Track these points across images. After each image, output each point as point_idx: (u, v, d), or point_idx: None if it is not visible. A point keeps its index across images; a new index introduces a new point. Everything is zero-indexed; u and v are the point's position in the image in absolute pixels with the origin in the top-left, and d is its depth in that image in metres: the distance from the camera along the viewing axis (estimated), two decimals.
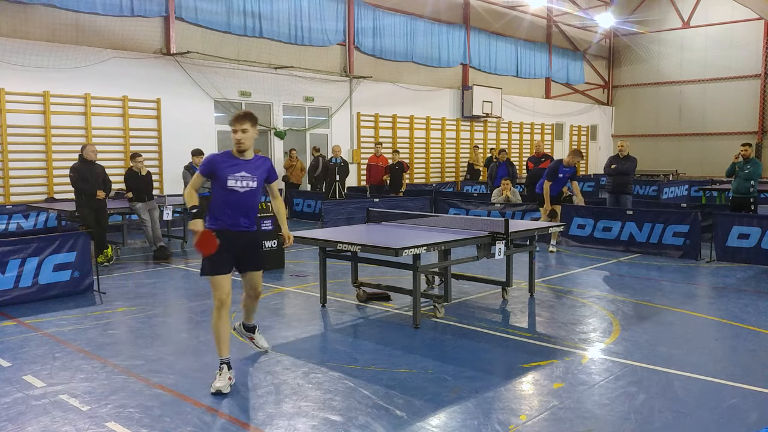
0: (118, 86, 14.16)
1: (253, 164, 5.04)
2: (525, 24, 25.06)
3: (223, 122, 16.42)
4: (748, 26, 26.20)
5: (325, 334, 6.39)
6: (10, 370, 5.21)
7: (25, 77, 12.86)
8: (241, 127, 4.96)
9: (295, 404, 4.52)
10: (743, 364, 5.41)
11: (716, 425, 4.20)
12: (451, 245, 6.78)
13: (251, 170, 4.99)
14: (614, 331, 6.34)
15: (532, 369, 5.25)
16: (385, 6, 19.93)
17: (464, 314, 6.98)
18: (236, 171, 4.93)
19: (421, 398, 4.60)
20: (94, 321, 6.76)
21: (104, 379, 5.03)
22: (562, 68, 27.52)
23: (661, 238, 10.82)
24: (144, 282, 8.85)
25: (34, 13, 13.11)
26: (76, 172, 9.65)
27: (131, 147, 14.09)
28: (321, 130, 18.77)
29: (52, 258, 7.70)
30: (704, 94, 27.87)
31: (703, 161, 27.51)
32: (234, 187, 4.90)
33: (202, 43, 15.67)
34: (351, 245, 6.38)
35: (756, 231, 9.86)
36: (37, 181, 13.28)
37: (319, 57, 18.29)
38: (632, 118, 30.15)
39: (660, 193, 18.92)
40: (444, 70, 22.31)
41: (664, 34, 28.80)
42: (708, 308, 7.40)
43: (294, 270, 9.57)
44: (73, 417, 4.30)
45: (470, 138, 23.39)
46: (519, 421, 4.23)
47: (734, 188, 11.78)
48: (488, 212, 12.82)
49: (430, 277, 8.49)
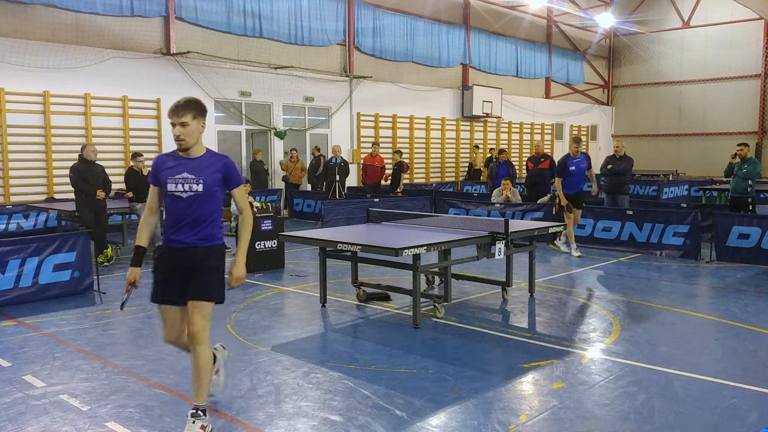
0: (118, 86, 14.16)
1: (200, 163, 3.97)
2: (525, 24, 25.05)
3: (223, 122, 16.44)
4: (748, 26, 26.19)
5: (325, 334, 6.39)
6: (10, 370, 5.21)
7: (25, 77, 12.86)
8: (180, 120, 3.93)
9: (295, 404, 4.52)
10: (743, 364, 5.41)
11: (716, 425, 4.20)
12: (451, 245, 6.78)
13: (196, 170, 3.95)
14: (614, 331, 6.34)
15: (532, 369, 5.25)
16: (385, 6, 19.93)
17: (464, 314, 6.98)
18: (177, 172, 3.95)
19: (421, 398, 4.60)
20: (94, 321, 6.76)
21: (104, 379, 5.03)
22: (562, 68, 27.52)
23: (661, 238, 10.82)
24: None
25: (34, 13, 13.11)
26: (76, 172, 9.65)
27: (131, 147, 14.09)
28: (321, 130, 18.77)
29: (52, 258, 7.70)
30: (704, 94, 27.87)
31: (703, 161, 27.51)
32: (174, 191, 3.94)
33: (202, 43, 15.67)
34: (351, 245, 6.38)
35: (756, 231, 9.86)
36: (37, 181, 13.28)
37: (319, 57, 18.29)
38: (632, 118, 30.14)
39: (660, 193, 18.90)
40: (444, 70, 22.31)
41: (664, 34, 28.80)
42: (708, 308, 7.40)
43: (294, 270, 9.57)
44: (73, 417, 4.30)
45: (470, 138, 23.39)
46: (519, 421, 4.23)
47: (732, 188, 11.78)
48: (488, 212, 12.83)
49: (430, 277, 8.49)
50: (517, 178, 14.75)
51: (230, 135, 16.74)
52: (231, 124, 16.65)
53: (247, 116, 16.92)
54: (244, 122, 16.88)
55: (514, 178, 13.98)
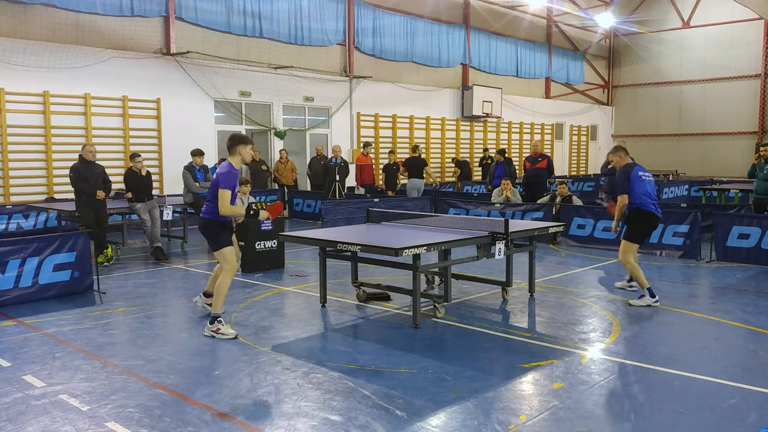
0: (118, 86, 14.16)
1: None
2: (525, 24, 25.06)
3: (223, 122, 16.43)
4: (748, 26, 26.19)
5: (325, 334, 6.39)
6: (10, 370, 5.21)
7: (25, 77, 12.86)
8: None
9: (295, 404, 4.52)
10: (743, 364, 5.41)
11: (716, 425, 4.20)
12: (451, 245, 6.78)
13: None
14: (614, 331, 6.34)
15: (532, 369, 5.25)
16: (385, 6, 19.92)
17: (464, 314, 6.98)
18: None
19: (421, 398, 4.60)
20: (94, 321, 6.76)
21: (104, 379, 5.03)
22: (562, 68, 27.52)
23: (661, 238, 10.82)
24: (144, 282, 8.85)
25: (34, 13, 13.10)
26: (76, 172, 9.65)
27: (131, 147, 14.09)
28: (321, 130, 18.77)
29: (52, 258, 7.70)
30: (704, 94, 27.87)
31: (703, 161, 27.52)
32: None
33: (202, 43, 15.67)
34: (351, 245, 6.38)
35: (756, 231, 9.86)
36: (37, 181, 13.28)
37: (319, 57, 18.29)
38: (632, 118, 30.15)
39: (660, 193, 18.90)
40: (444, 70, 22.31)
41: (664, 34, 28.80)
42: (708, 308, 7.40)
43: (294, 270, 9.57)
44: (73, 417, 4.30)
45: (470, 138, 23.39)
46: (519, 421, 4.23)
47: (755, 189, 11.61)
48: (488, 212, 12.83)
49: (430, 277, 8.49)
50: (516, 177, 14.75)
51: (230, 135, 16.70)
52: (231, 124, 16.64)
53: (247, 116, 16.92)
54: (244, 122, 16.88)
55: (513, 178, 13.98)
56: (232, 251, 6.31)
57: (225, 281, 6.21)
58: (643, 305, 7.27)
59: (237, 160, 6.22)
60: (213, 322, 6.16)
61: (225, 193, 6.00)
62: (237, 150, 6.22)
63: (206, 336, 6.13)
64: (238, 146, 6.22)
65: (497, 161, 14.57)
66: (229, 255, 6.27)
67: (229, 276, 6.25)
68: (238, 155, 6.22)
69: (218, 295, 6.19)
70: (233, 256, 6.34)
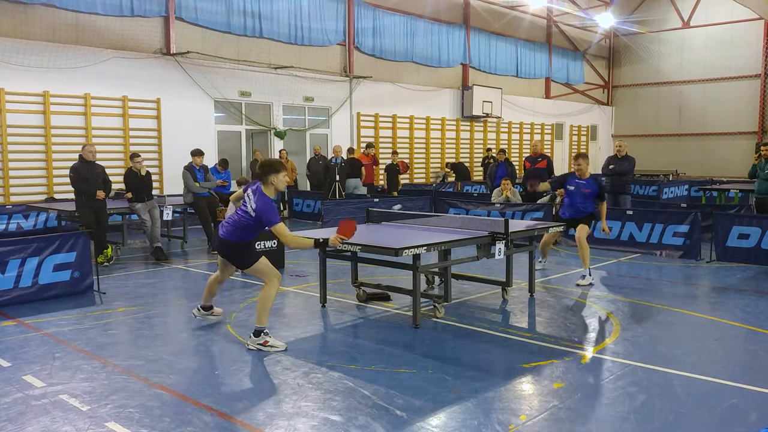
0: (118, 86, 14.16)
1: None
2: (525, 24, 25.06)
3: (223, 122, 16.43)
4: (748, 26, 26.20)
5: (325, 334, 6.39)
6: (10, 370, 5.21)
7: (25, 77, 12.86)
8: None
9: (295, 404, 4.52)
10: (743, 364, 5.41)
11: (716, 425, 4.20)
12: (451, 245, 6.78)
13: None
14: (614, 331, 6.34)
15: (532, 369, 5.25)
16: (385, 6, 19.93)
17: (464, 314, 6.98)
18: None
19: (421, 398, 4.60)
20: (94, 321, 6.76)
21: (104, 379, 5.03)
22: (562, 68, 27.53)
23: (661, 238, 10.82)
24: (144, 282, 8.85)
25: (34, 13, 13.11)
26: (76, 172, 9.65)
27: (131, 147, 14.10)
28: (321, 130, 18.77)
29: (52, 258, 7.70)
30: (704, 94, 27.88)
31: (703, 161, 27.53)
32: None
33: (202, 43, 15.68)
34: (351, 245, 6.38)
35: (756, 231, 9.86)
36: (37, 181, 13.28)
37: (319, 57, 18.30)
38: (632, 118, 30.15)
39: (660, 193, 18.91)
40: (444, 70, 22.31)
41: (664, 34, 28.80)
42: (708, 308, 7.40)
43: (294, 270, 9.57)
44: (73, 417, 4.30)
45: (470, 138, 23.40)
46: (519, 421, 4.23)
47: (756, 189, 11.60)
48: (488, 212, 12.82)
49: (430, 277, 8.49)
50: (516, 177, 14.74)
51: (230, 135, 16.74)
52: (231, 124, 16.65)
53: (247, 116, 16.92)
54: (244, 122, 16.88)
55: (513, 178, 13.97)
56: (266, 260, 5.94)
57: (270, 292, 5.79)
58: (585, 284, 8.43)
59: (271, 191, 5.76)
60: (258, 335, 5.72)
61: (281, 226, 5.62)
62: (269, 180, 5.72)
63: (251, 350, 5.69)
64: (269, 176, 5.71)
65: (499, 161, 14.57)
66: (265, 265, 5.87)
67: (275, 286, 5.81)
68: (270, 185, 5.76)
69: (264, 307, 5.75)
70: (269, 264, 5.94)
